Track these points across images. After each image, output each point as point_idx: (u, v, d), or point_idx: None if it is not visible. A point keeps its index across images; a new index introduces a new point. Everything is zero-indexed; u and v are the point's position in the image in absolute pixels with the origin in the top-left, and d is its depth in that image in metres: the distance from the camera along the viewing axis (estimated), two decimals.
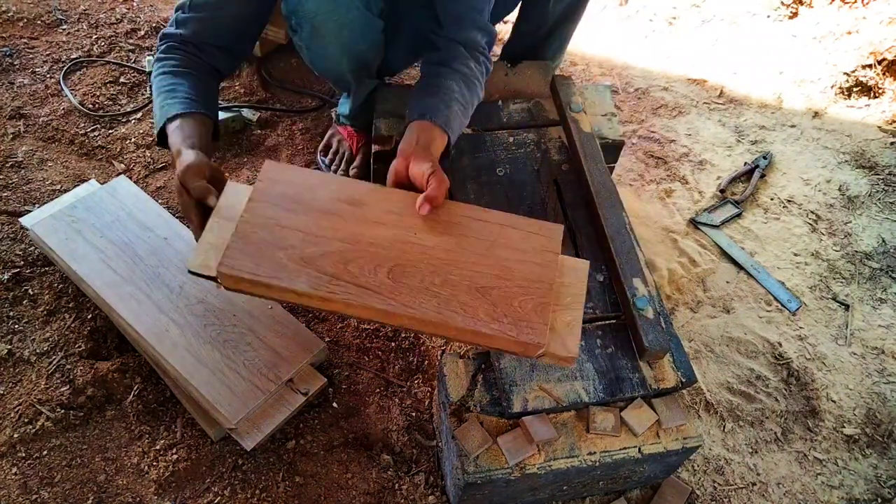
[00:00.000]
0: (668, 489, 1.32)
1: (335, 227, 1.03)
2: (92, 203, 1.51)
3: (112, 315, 1.37)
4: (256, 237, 1.00)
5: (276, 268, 0.98)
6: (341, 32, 1.33)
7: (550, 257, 1.04)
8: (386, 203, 1.07)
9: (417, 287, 0.99)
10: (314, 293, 0.97)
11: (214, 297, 1.38)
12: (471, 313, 0.97)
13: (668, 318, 1.18)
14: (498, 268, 1.02)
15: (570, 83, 1.55)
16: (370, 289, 0.98)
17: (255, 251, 0.99)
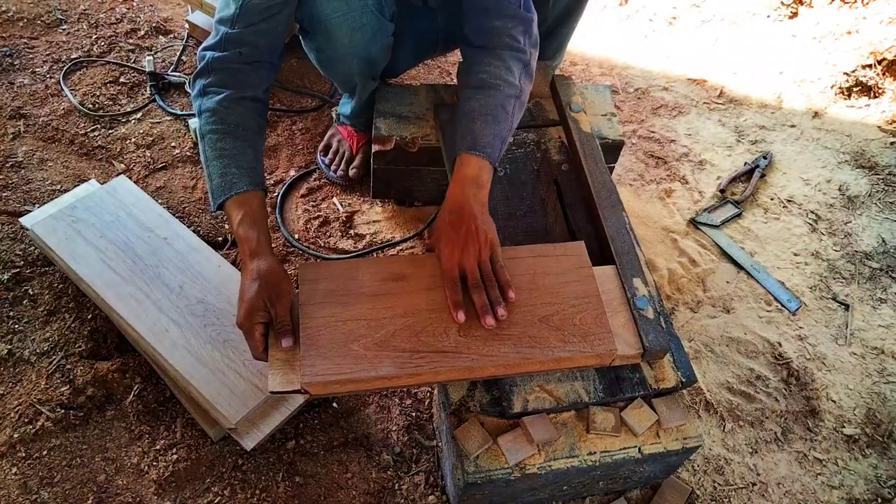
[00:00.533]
0: (668, 489, 1.32)
1: (391, 306, 1.07)
2: (92, 203, 1.51)
3: (112, 315, 1.37)
4: (324, 339, 1.02)
5: (357, 360, 1.01)
6: (354, 35, 1.33)
7: (586, 272, 1.14)
8: (428, 269, 1.12)
9: (487, 336, 1.05)
10: (402, 372, 1.01)
11: (214, 297, 1.38)
12: (544, 344, 1.05)
13: (668, 318, 1.18)
14: (548, 296, 1.10)
15: (570, 83, 1.55)
16: (449, 351, 1.03)
17: (329, 353, 1.01)
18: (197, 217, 1.70)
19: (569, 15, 1.63)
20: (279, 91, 2.03)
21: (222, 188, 1.13)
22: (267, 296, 1.04)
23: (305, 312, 1.05)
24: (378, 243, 1.68)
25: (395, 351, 1.02)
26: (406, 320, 1.05)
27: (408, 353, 1.02)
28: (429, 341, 1.03)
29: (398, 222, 1.73)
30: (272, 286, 1.05)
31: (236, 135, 1.16)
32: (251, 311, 1.04)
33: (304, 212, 1.74)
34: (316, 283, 1.09)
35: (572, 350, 1.05)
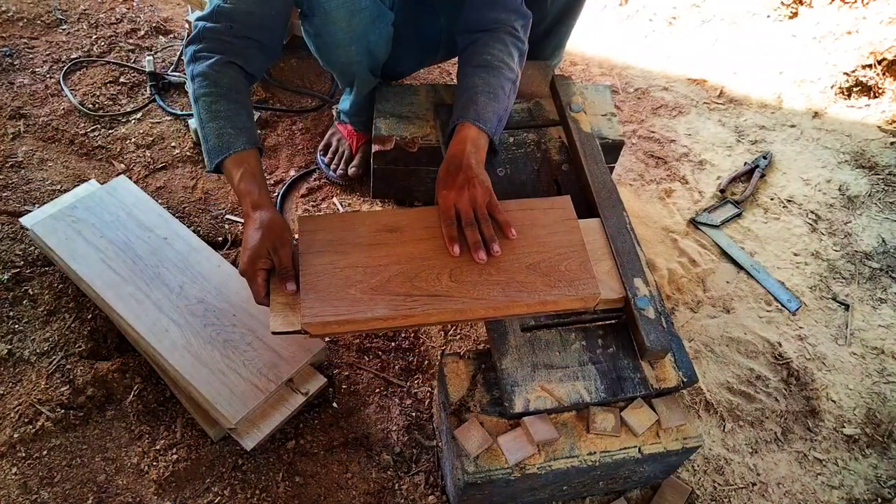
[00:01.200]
0: (668, 489, 1.32)
1: (386, 254, 1.13)
2: (92, 203, 1.51)
3: (112, 315, 1.37)
4: (323, 284, 1.08)
5: (354, 303, 1.07)
6: (352, 20, 1.33)
7: (572, 223, 1.21)
8: (421, 221, 1.18)
9: (478, 281, 1.11)
10: (397, 314, 1.07)
11: (214, 297, 1.38)
12: (532, 288, 1.11)
13: (669, 317, 1.18)
14: (535, 245, 1.16)
15: (569, 83, 1.54)
16: (441, 295, 1.09)
17: (328, 295, 1.07)
18: (197, 217, 1.70)
19: (567, 13, 1.63)
20: (279, 91, 2.03)
21: (219, 148, 1.17)
22: (270, 244, 1.10)
23: (305, 260, 1.11)
24: None
25: (389, 295, 1.08)
26: (400, 267, 1.11)
27: (402, 297, 1.08)
28: (422, 286, 1.09)
29: None
30: (275, 235, 1.11)
31: (229, 97, 1.21)
32: (255, 258, 1.09)
33: (304, 212, 1.74)
34: (314, 233, 1.15)
35: (558, 294, 1.11)
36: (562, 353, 1.16)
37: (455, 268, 1.12)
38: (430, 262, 1.12)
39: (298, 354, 1.33)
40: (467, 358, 1.21)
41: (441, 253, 1.13)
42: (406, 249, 1.14)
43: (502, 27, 1.33)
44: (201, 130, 1.20)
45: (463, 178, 1.16)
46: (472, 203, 1.14)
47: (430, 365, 1.49)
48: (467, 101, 1.27)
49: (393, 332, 1.53)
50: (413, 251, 1.13)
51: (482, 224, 1.14)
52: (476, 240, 1.12)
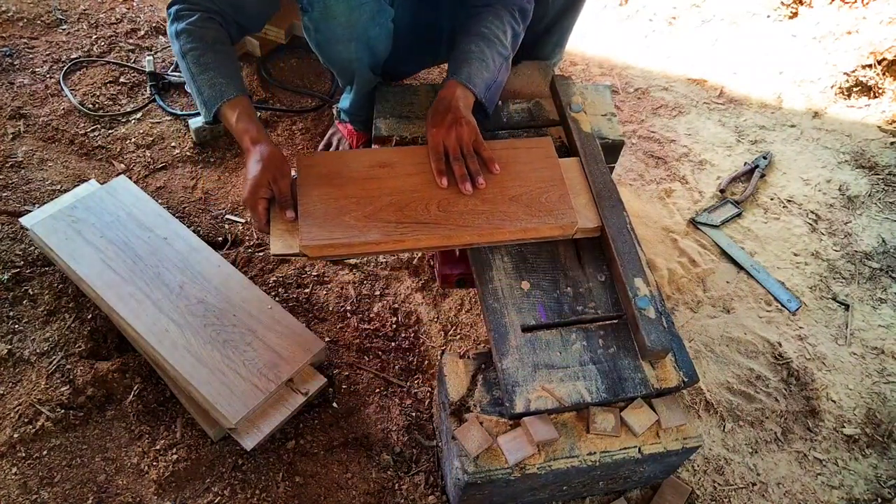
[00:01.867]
0: (668, 489, 1.32)
1: (379, 187, 1.23)
2: (92, 203, 1.51)
3: (112, 315, 1.37)
4: (320, 212, 1.18)
5: (348, 229, 1.17)
6: (352, 14, 1.33)
7: (552, 161, 1.31)
8: (411, 158, 1.28)
9: (464, 211, 1.21)
10: (388, 239, 1.17)
11: (214, 297, 1.38)
12: (514, 217, 1.21)
13: (669, 317, 1.18)
14: (518, 179, 1.26)
15: (569, 83, 1.54)
16: (430, 223, 1.19)
17: (324, 222, 1.17)
18: (197, 217, 1.70)
19: (568, 10, 1.63)
20: (279, 91, 2.03)
21: (214, 97, 1.24)
22: (270, 175, 1.18)
23: (303, 191, 1.20)
24: None
25: (381, 222, 1.18)
26: (392, 198, 1.21)
27: (393, 224, 1.18)
28: (412, 214, 1.19)
29: None
30: (274, 167, 1.19)
31: (216, 49, 1.27)
32: (256, 188, 1.17)
33: None
34: (311, 168, 1.24)
35: (538, 222, 1.21)
36: (562, 353, 1.16)
37: (443, 199, 1.22)
38: (420, 194, 1.22)
39: (298, 354, 1.33)
40: (467, 358, 1.21)
41: (430, 186, 1.23)
42: (397, 183, 1.23)
43: (503, 7, 1.38)
44: (193, 83, 1.26)
45: (451, 118, 1.25)
46: (459, 140, 1.24)
47: (430, 365, 1.49)
48: (460, 63, 1.33)
49: (392, 331, 1.53)
50: (404, 184, 1.23)
51: (468, 159, 1.23)
52: (463, 173, 1.22)
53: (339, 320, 1.54)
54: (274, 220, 1.19)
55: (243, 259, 1.62)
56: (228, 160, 1.84)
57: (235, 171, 1.81)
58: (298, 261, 1.64)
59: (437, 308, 1.58)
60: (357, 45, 1.41)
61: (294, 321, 1.39)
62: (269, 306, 1.39)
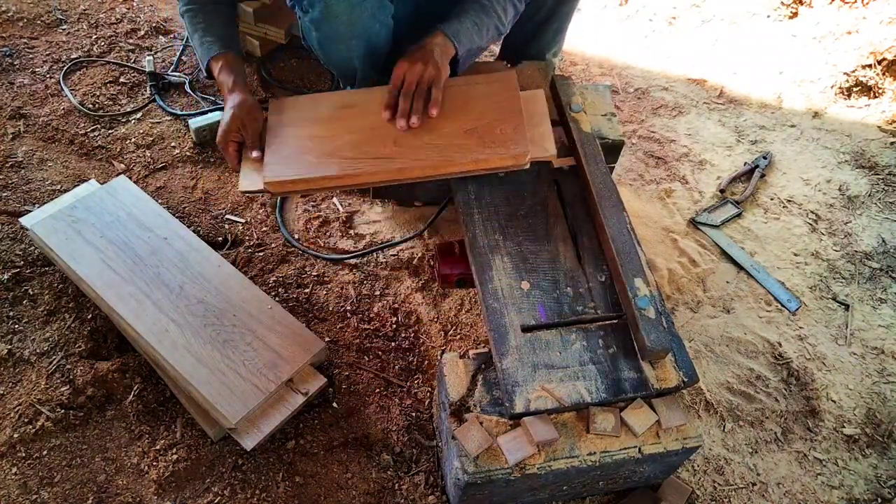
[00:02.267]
0: (668, 489, 1.32)
1: (341, 126, 1.30)
2: (92, 203, 1.51)
3: (112, 315, 1.37)
4: (285, 150, 1.28)
5: (309, 166, 1.25)
6: (353, 12, 1.33)
7: (513, 93, 1.33)
8: (373, 99, 1.33)
9: (419, 145, 1.26)
10: (344, 173, 1.24)
11: (214, 298, 1.38)
12: (467, 149, 1.26)
13: (669, 317, 1.18)
14: (476, 113, 1.30)
15: (570, 83, 1.54)
16: (385, 157, 1.25)
17: (287, 160, 1.26)
18: (197, 217, 1.70)
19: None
20: (279, 91, 2.03)
21: (203, 55, 1.38)
22: (240, 121, 1.28)
23: (270, 132, 1.31)
24: (378, 243, 1.68)
25: (339, 158, 1.25)
26: (351, 136, 1.28)
27: (349, 160, 1.25)
28: (368, 150, 1.26)
29: (398, 222, 1.73)
30: (244, 112, 1.29)
31: (206, 10, 1.40)
32: (227, 132, 1.29)
33: (304, 212, 1.74)
34: (281, 113, 1.34)
35: (490, 153, 1.25)
36: (562, 353, 1.16)
37: (399, 136, 1.27)
38: (378, 132, 1.28)
39: (298, 354, 1.33)
40: (467, 358, 1.21)
41: (388, 125, 1.28)
42: (358, 122, 1.30)
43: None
44: (192, 42, 1.42)
45: (420, 55, 1.28)
46: (418, 77, 1.27)
47: (430, 365, 1.49)
48: (453, 18, 1.36)
49: (392, 331, 1.53)
50: (364, 123, 1.30)
51: (416, 97, 1.27)
52: (404, 109, 1.27)
53: (339, 320, 1.54)
54: (244, 161, 1.30)
55: (243, 259, 1.62)
56: None
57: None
58: (297, 260, 1.64)
59: (437, 308, 1.58)
60: (358, 43, 1.41)
61: (294, 321, 1.39)
62: (269, 306, 1.39)
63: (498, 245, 1.30)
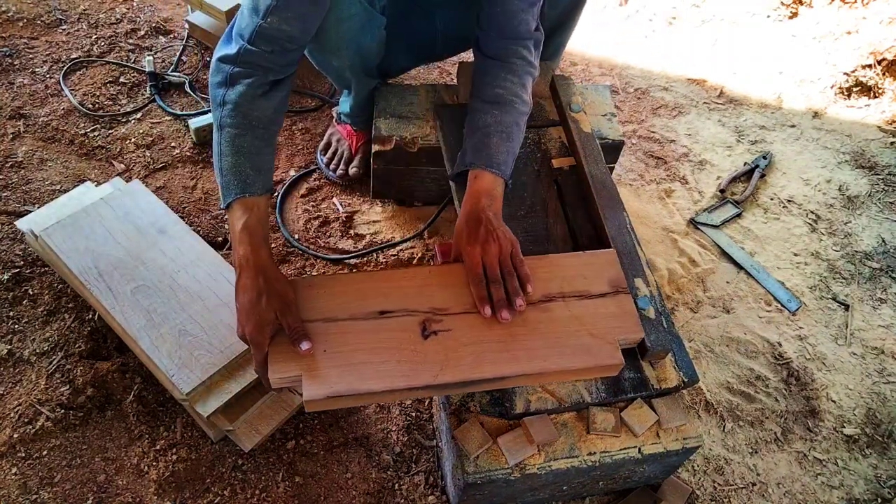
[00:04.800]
0: (668, 489, 1.32)
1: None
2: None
3: (107, 318, 1.37)
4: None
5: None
6: (341, 27, 1.32)
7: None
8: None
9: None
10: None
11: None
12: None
13: (669, 317, 1.18)
14: None
15: (569, 83, 1.54)
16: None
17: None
18: (197, 217, 1.70)
19: (565, 22, 1.63)
20: None
21: (234, 185, 1.11)
22: (277, 307, 1.03)
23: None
24: (378, 243, 1.68)
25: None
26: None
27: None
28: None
29: (398, 222, 1.73)
30: (281, 298, 1.04)
31: (256, 134, 1.15)
32: (262, 324, 1.02)
33: (304, 212, 1.74)
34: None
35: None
36: None
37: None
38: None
39: None
40: None
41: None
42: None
43: (515, 54, 1.28)
44: (218, 159, 1.13)
45: (485, 232, 1.10)
46: (499, 257, 1.09)
47: None
48: (479, 142, 1.22)
49: None
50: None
51: (507, 280, 1.08)
52: (501, 297, 1.06)
53: None
54: (272, 347, 1.04)
55: None
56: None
57: None
58: (297, 260, 1.64)
59: None
60: (348, 54, 1.40)
61: None
62: None
63: None
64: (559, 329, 1.06)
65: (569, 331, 1.06)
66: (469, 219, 1.14)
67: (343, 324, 1.05)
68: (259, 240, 1.09)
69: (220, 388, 1.24)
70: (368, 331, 1.05)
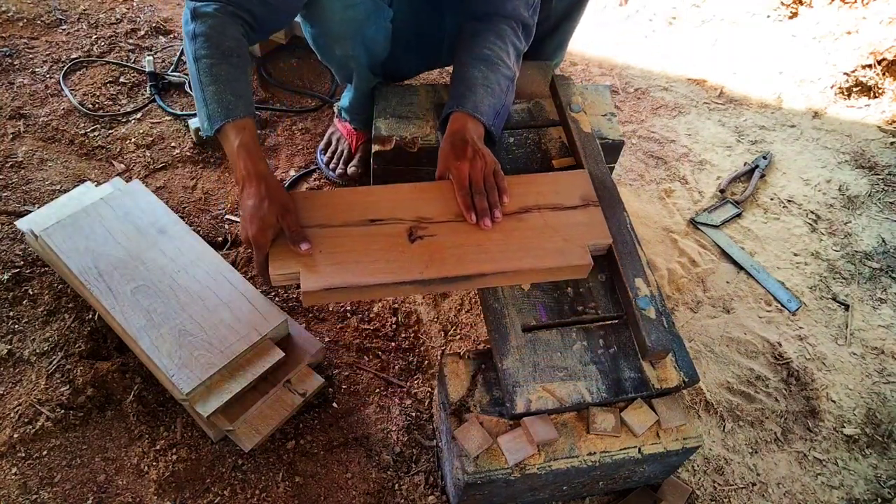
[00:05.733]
0: (668, 489, 1.32)
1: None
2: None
3: (107, 318, 1.37)
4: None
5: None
6: (346, 12, 1.32)
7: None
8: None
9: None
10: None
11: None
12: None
13: (670, 317, 1.18)
14: None
15: (569, 83, 1.54)
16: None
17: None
18: (197, 217, 1.70)
19: (571, 13, 1.63)
20: (279, 91, 2.03)
21: (219, 113, 1.16)
22: (277, 212, 1.13)
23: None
24: None
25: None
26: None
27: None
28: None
29: None
30: (281, 203, 1.14)
31: (231, 62, 1.19)
32: (264, 226, 1.12)
33: None
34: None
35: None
36: (563, 353, 1.16)
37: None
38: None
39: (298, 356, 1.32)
40: (467, 358, 1.21)
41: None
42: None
43: (504, 22, 1.35)
44: (199, 91, 1.18)
45: (471, 151, 1.23)
46: (481, 171, 1.21)
47: (430, 365, 1.49)
48: (465, 90, 1.30)
49: (392, 331, 1.53)
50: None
51: (489, 192, 1.21)
52: (484, 206, 1.19)
53: (338, 320, 1.54)
54: (273, 248, 1.14)
55: (243, 259, 1.62)
56: (228, 160, 1.84)
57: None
58: None
59: (437, 308, 1.58)
60: (353, 44, 1.40)
61: (293, 322, 1.39)
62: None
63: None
64: (535, 235, 1.19)
65: (543, 236, 1.19)
66: (455, 140, 1.25)
67: (337, 229, 1.17)
68: (257, 155, 1.16)
69: (220, 388, 1.24)
70: (360, 235, 1.17)
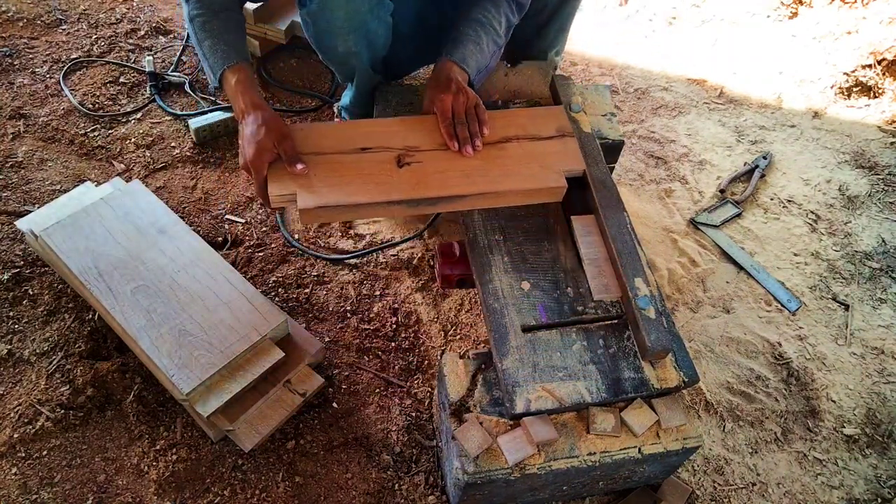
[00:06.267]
0: (668, 489, 1.32)
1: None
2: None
3: (107, 318, 1.37)
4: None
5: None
6: (349, 5, 1.33)
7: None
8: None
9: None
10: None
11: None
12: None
13: (670, 317, 1.18)
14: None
15: (569, 83, 1.54)
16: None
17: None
18: (197, 217, 1.70)
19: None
20: (279, 91, 2.03)
21: (217, 63, 1.29)
22: (274, 137, 1.21)
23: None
24: (378, 243, 1.68)
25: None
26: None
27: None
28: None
29: (398, 222, 1.73)
30: (277, 130, 1.23)
31: (221, 17, 1.32)
32: (261, 151, 1.20)
33: None
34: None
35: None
36: (562, 353, 1.16)
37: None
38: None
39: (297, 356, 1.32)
40: (467, 358, 1.21)
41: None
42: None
43: (498, 3, 1.41)
44: (199, 49, 1.31)
45: (456, 88, 1.31)
46: (464, 104, 1.30)
47: (430, 365, 1.49)
48: (456, 44, 1.37)
49: (392, 332, 1.53)
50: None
51: (470, 122, 1.30)
52: (465, 136, 1.28)
53: (338, 320, 1.54)
54: (271, 172, 1.22)
55: (243, 259, 1.62)
56: (228, 160, 1.84)
57: (235, 171, 1.81)
58: (297, 261, 1.64)
59: (437, 308, 1.58)
60: (356, 38, 1.40)
61: (292, 321, 1.39)
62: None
63: (498, 245, 1.30)
64: (513, 162, 1.28)
65: (521, 163, 1.28)
66: (440, 77, 1.34)
67: (330, 156, 1.25)
68: (254, 90, 1.28)
69: (220, 388, 1.24)
70: (352, 162, 1.25)
